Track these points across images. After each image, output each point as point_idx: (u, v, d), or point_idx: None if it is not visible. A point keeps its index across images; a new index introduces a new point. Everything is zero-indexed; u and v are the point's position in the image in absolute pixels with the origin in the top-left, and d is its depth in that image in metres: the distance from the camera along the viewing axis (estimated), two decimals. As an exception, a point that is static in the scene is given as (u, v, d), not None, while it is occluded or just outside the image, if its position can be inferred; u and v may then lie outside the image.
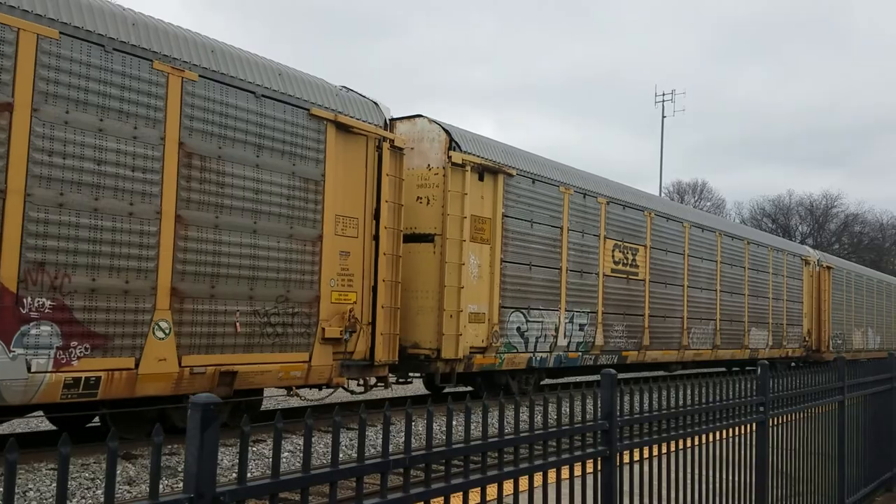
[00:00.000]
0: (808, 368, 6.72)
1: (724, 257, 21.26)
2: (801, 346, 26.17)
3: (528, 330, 14.14)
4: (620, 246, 16.76)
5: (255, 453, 9.07)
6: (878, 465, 8.41)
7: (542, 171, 15.02)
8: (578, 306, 15.42)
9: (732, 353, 21.57)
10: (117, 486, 7.40)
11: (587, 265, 15.73)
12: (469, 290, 12.87)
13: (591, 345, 15.69)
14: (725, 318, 21.18)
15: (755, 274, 23.05)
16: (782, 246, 26.19)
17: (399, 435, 10.43)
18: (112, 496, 1.83)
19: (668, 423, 4.33)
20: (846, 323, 30.09)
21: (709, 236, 20.59)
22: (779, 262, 24.68)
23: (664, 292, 18.24)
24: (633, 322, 17.10)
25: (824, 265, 28.32)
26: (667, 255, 18.44)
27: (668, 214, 18.92)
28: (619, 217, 16.87)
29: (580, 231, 15.56)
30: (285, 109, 9.82)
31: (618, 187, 17.56)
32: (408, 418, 2.70)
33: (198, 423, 1.95)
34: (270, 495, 2.23)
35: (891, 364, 9.05)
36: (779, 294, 24.59)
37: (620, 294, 16.78)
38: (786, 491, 5.87)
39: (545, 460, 3.34)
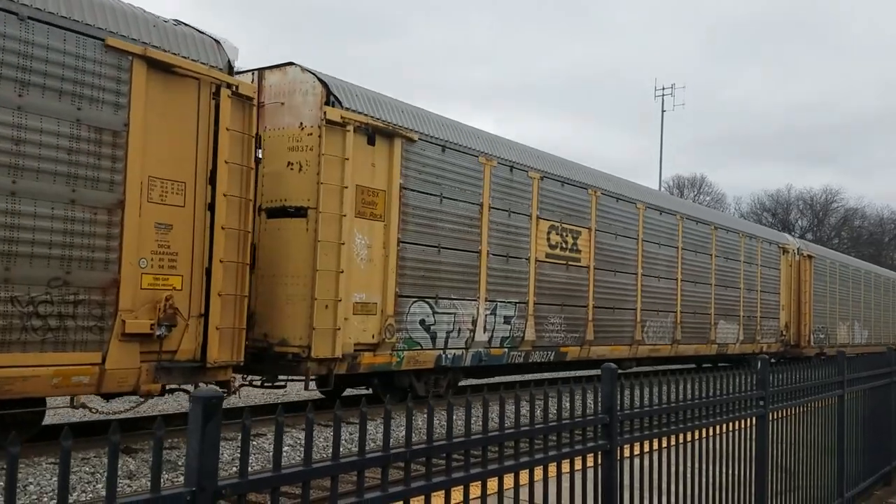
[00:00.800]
0: (798, 364, 6.72)
1: (688, 243, 19.21)
2: (777, 340, 24.36)
3: (435, 323, 12.01)
4: (558, 228, 14.68)
5: (255, 447, 9.09)
6: (877, 458, 8.43)
7: (455, 138, 12.72)
8: (503, 296, 13.34)
9: (696, 348, 19.65)
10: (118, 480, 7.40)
11: (515, 249, 13.66)
12: (353, 275, 10.69)
13: (521, 340, 13.70)
14: (688, 310, 19.13)
15: (724, 262, 21.11)
16: (756, 232, 24.10)
17: (399, 429, 10.44)
18: (113, 490, 1.83)
19: (669, 418, 4.34)
20: (830, 316, 28.19)
21: (669, 220, 18.53)
22: (752, 250, 22.76)
23: (613, 281, 16.29)
24: (573, 314, 15.10)
25: (805, 254, 26.36)
26: (616, 239, 16.49)
27: (618, 194, 16.79)
28: (557, 195, 14.79)
29: (506, 210, 13.43)
30: (66, 38, 7.66)
31: (555, 161, 15.41)
32: (408, 412, 2.71)
33: (199, 417, 1.95)
34: (272, 489, 2.23)
35: (889, 358, 9.07)
36: (752, 284, 22.69)
37: (558, 282, 14.73)
38: (786, 485, 5.88)
39: (546, 454, 3.35)
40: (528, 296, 13.92)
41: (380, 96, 11.74)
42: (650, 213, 17.77)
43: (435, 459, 2.78)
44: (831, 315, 28.30)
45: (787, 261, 25.09)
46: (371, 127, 11.03)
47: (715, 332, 20.52)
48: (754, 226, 26.38)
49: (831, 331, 28.27)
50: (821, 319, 27.16)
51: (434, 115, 12.78)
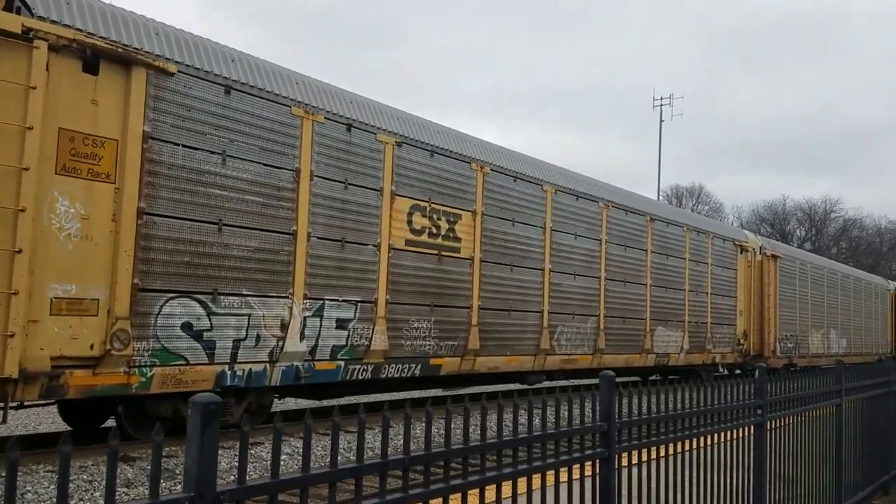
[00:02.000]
0: (796, 373, 6.72)
1: (615, 236, 16.21)
2: (733, 350, 21.39)
3: (213, 328, 8.80)
4: (426, 209, 11.65)
5: (253, 456, 9.07)
6: (875, 468, 8.43)
7: (250, 78, 9.41)
8: (336, 292, 10.24)
9: (627, 358, 16.57)
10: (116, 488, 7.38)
11: (357, 232, 10.52)
12: (51, 257, 7.52)
13: (366, 349, 10.60)
14: (615, 314, 16.11)
15: (664, 259, 17.97)
16: (707, 227, 20.97)
17: (398, 437, 10.42)
18: (112, 496, 1.83)
19: (667, 426, 4.34)
20: (800, 323, 25.23)
21: (588, 207, 15.51)
22: (701, 247, 19.78)
23: (508, 277, 13.30)
24: (450, 317, 12.05)
25: (768, 253, 23.32)
26: (514, 226, 13.46)
27: (516, 173, 13.71)
28: (423, 167, 11.74)
29: (340, 181, 10.33)
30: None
31: (420, 125, 12.19)
32: (407, 420, 2.71)
33: (198, 423, 1.96)
34: (270, 495, 2.24)
35: (887, 368, 9.08)
36: (700, 286, 19.61)
37: (425, 276, 11.63)
38: (783, 494, 5.88)
39: (544, 462, 3.36)
40: (376, 292, 10.76)
41: (117, 9, 8.43)
42: (563, 197, 14.77)
43: (433, 467, 2.78)
44: (802, 322, 25.46)
45: (745, 260, 22.10)
46: (91, 48, 7.84)
47: (651, 340, 17.34)
48: (703, 219, 22.93)
49: (802, 339, 25.42)
50: (789, 327, 24.31)
51: (218, 45, 9.42)
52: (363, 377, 10.74)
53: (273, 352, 9.49)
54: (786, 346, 23.93)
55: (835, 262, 35.37)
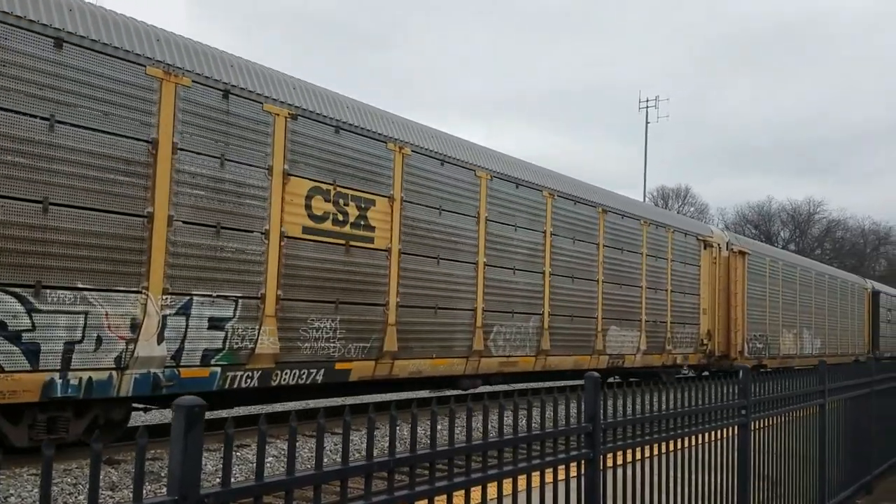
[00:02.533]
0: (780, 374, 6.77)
1: (562, 228, 14.91)
2: (697, 350, 20.14)
3: (36, 328, 7.29)
4: (329, 193, 10.17)
5: (240, 458, 9.04)
6: (858, 468, 8.50)
7: (90, 31, 7.95)
8: (206, 285, 8.76)
9: (577, 360, 15.29)
10: (100, 491, 7.33)
11: (238, 217, 9.04)
12: None
13: (250, 353, 9.11)
14: (562, 312, 14.80)
15: (619, 254, 16.76)
16: (666, 220, 19.54)
17: (384, 439, 10.41)
18: (96, 499, 1.83)
19: (651, 427, 4.36)
20: (771, 323, 23.98)
21: (530, 196, 14.19)
22: (660, 242, 18.43)
23: (434, 271, 11.91)
24: (361, 315, 10.60)
25: (736, 250, 22.03)
26: (442, 215, 12.13)
27: (443, 156, 12.32)
28: (326, 145, 10.24)
29: (214, 156, 8.82)
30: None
31: (323, 95, 10.63)
32: (392, 421, 2.72)
33: (182, 425, 1.95)
34: (254, 498, 2.23)
35: (869, 368, 9.16)
36: (659, 283, 18.34)
37: (329, 269, 10.17)
38: (767, 494, 5.92)
39: (529, 463, 3.37)
40: (264, 287, 9.30)
41: None
42: (501, 184, 13.46)
43: (418, 469, 2.78)
44: (773, 322, 24.16)
45: (709, 256, 20.88)
46: None
47: (603, 340, 16.07)
48: (664, 212, 21.14)
49: (773, 340, 24.13)
50: (758, 326, 23.09)
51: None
52: (248, 385, 9.19)
53: (121, 357, 7.91)
54: (755, 346, 22.66)
55: (808, 260, 34.19)
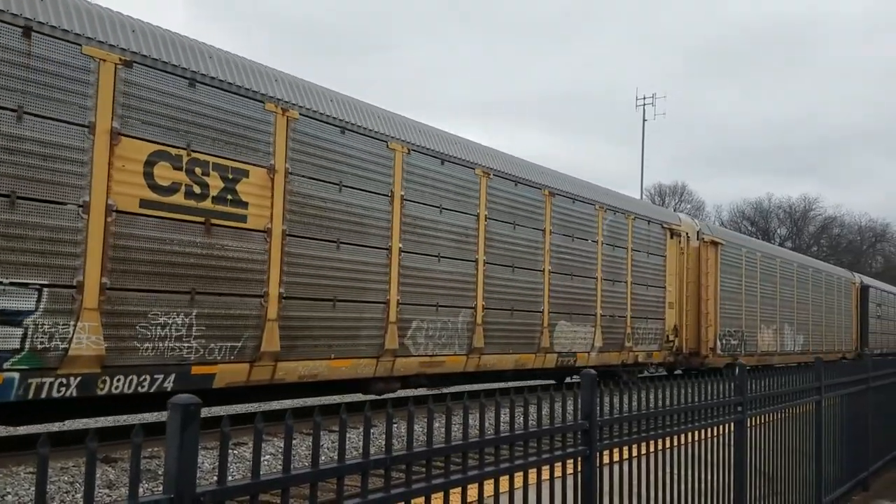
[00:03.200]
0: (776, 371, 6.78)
1: (499, 211, 13.14)
2: (662, 347, 18.41)
3: None
4: (181, 159, 8.41)
5: (237, 456, 9.04)
6: (855, 464, 8.52)
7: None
8: None
9: (518, 359, 13.64)
10: (97, 489, 7.35)
11: (39, 184, 7.19)
12: None
13: (62, 355, 7.31)
14: (499, 306, 13.10)
15: (569, 242, 14.94)
16: (626, 206, 17.56)
17: (382, 437, 10.42)
18: (91, 498, 1.83)
19: (648, 423, 4.37)
20: (747, 318, 22.46)
21: (459, 174, 12.34)
22: (618, 229, 16.71)
23: (333, 258, 10.08)
24: (228, 309, 8.77)
25: (707, 239, 20.47)
26: (343, 192, 10.25)
27: (344, 123, 10.41)
28: (176, 100, 8.43)
29: (7, 108, 7.05)
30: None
31: (172, 40, 8.72)
32: (388, 419, 2.72)
33: (178, 424, 1.96)
34: (251, 496, 2.23)
35: (866, 365, 9.19)
36: (617, 274, 16.57)
37: (180, 252, 8.36)
38: (764, 490, 5.93)
39: (525, 460, 3.37)
40: (81, 273, 7.47)
41: None
42: (421, 159, 11.61)
43: (415, 466, 2.79)
44: (750, 317, 22.66)
45: (676, 246, 19.18)
46: None
47: (550, 336, 14.37)
48: (625, 197, 18.79)
49: (749, 336, 22.61)
50: (733, 322, 21.60)
51: None
52: (64, 394, 7.38)
53: None
54: (728, 343, 21.23)
55: (791, 252, 32.49)
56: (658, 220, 18.62)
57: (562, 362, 14.88)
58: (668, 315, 18.65)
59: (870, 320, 34.61)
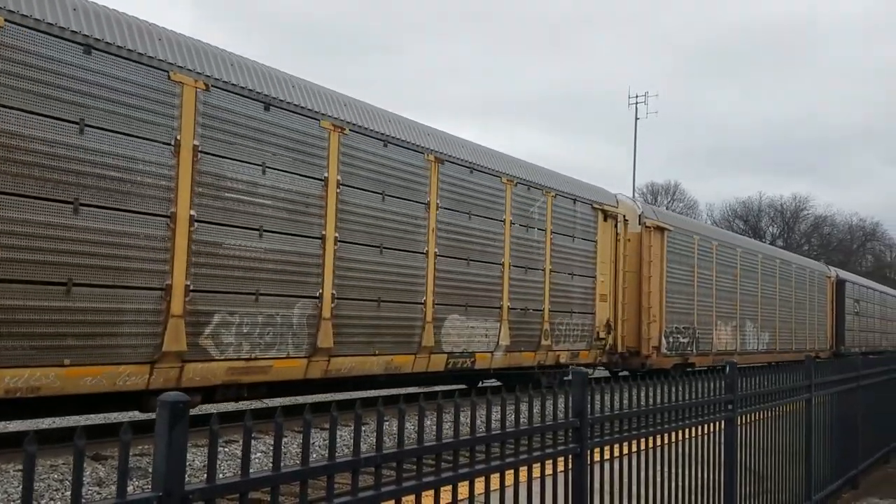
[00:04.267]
0: (766, 369, 6.80)
1: (360, 177, 10.56)
2: (592, 346, 16.09)
3: None
4: None
5: (229, 454, 9.02)
6: (844, 462, 8.56)
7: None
8: None
9: (390, 361, 11.11)
10: (87, 487, 7.32)
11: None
12: None
13: None
14: (358, 294, 10.50)
15: (465, 220, 12.60)
16: (545, 181, 14.89)
17: (372, 435, 10.39)
18: (79, 496, 1.81)
19: (639, 421, 4.38)
20: (700, 314, 20.15)
21: (298, 126, 9.75)
22: (532, 206, 14.29)
23: (66, 225, 7.38)
24: None
25: (650, 224, 18.09)
26: (87, 135, 7.57)
27: (108, 44, 7.81)
28: None
29: None
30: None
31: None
32: (379, 416, 2.71)
33: (166, 421, 1.94)
34: (240, 494, 2.22)
35: (856, 364, 9.23)
36: (532, 260, 14.22)
37: None
38: (754, 488, 5.95)
39: (517, 458, 3.37)
40: None
41: None
42: (229, 100, 8.94)
43: (406, 464, 2.78)
44: (703, 312, 20.38)
45: (611, 230, 16.83)
46: None
47: (436, 333, 11.87)
48: (545, 170, 15.58)
49: (703, 333, 20.34)
50: (682, 317, 19.24)
51: None
52: None
53: None
54: (676, 341, 18.87)
55: (755, 242, 29.87)
56: (587, 200, 16.14)
57: (455, 364, 12.39)
58: (599, 309, 16.25)
59: (846, 317, 32.63)
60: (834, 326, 31.56)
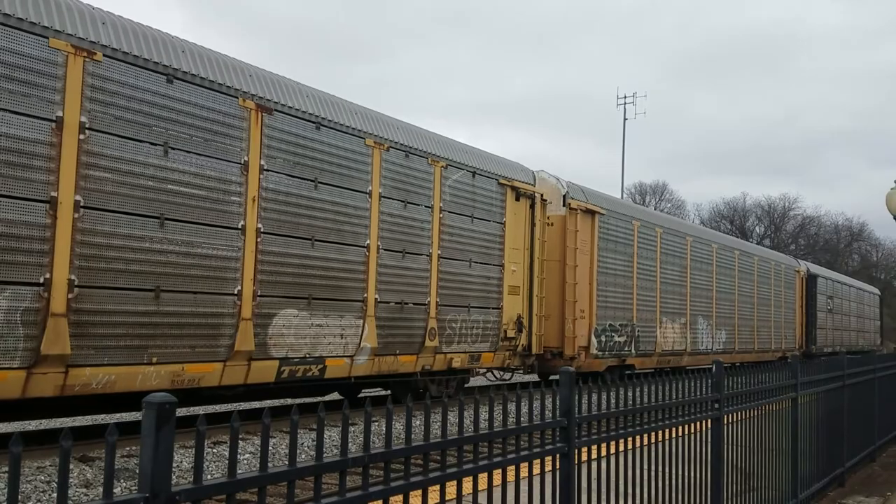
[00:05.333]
0: (752, 368, 6.84)
1: (132, 123, 8.24)
2: (498, 347, 13.68)
3: None
4: None
5: (217, 455, 8.99)
6: (831, 460, 8.61)
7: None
8: None
9: (179, 372, 8.59)
10: (74, 489, 7.29)
11: None
12: None
13: None
14: (127, 282, 8.16)
15: (310, 191, 10.23)
16: (433, 149, 12.38)
17: (360, 435, 10.39)
18: (65, 497, 1.81)
19: (626, 421, 4.40)
20: (642, 309, 17.84)
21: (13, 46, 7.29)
22: (414, 179, 11.84)
23: None
24: None
25: (578, 206, 15.65)
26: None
27: None
28: None
29: None
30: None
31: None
32: (367, 417, 2.72)
33: (153, 422, 1.94)
34: (227, 495, 2.22)
35: (841, 363, 9.29)
36: (413, 243, 11.77)
37: None
38: (741, 486, 5.99)
39: (504, 457, 3.38)
40: None
41: None
42: None
43: (394, 464, 2.79)
44: (646, 308, 18.05)
45: (524, 211, 14.42)
46: None
47: (257, 333, 9.46)
48: (433, 136, 12.87)
49: (645, 332, 18.02)
50: (619, 314, 16.98)
51: None
52: None
53: None
54: (611, 340, 16.61)
55: (711, 231, 27.62)
56: (492, 174, 13.58)
57: (292, 373, 10.01)
58: (507, 303, 13.79)
59: (818, 314, 30.48)
60: (804, 324, 29.59)
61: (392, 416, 2.81)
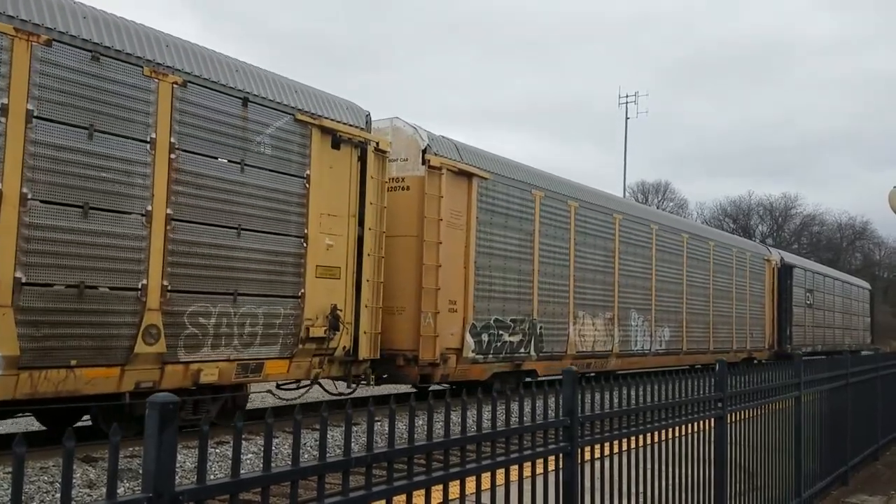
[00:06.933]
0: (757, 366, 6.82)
1: None
2: (300, 351, 9.98)
3: None
4: None
5: (220, 455, 8.99)
6: (834, 459, 8.60)
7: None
8: None
9: None
10: (78, 489, 7.29)
11: None
12: None
13: None
14: None
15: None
16: (141, 52, 8.24)
17: (363, 435, 10.38)
18: (68, 498, 1.81)
19: (629, 420, 4.39)
20: (547, 301, 14.35)
21: None
22: (98, 89, 7.74)
23: None
24: None
25: (443, 165, 11.98)
26: None
27: None
28: None
29: None
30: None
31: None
32: (370, 416, 2.71)
33: (156, 423, 1.94)
34: (230, 495, 2.22)
35: (845, 361, 9.28)
36: (116, 198, 7.94)
37: None
38: (745, 485, 5.98)
39: (507, 457, 3.37)
40: None
41: None
42: None
43: (397, 464, 2.78)
44: (551, 299, 14.47)
45: (348, 165, 10.70)
46: None
47: None
48: (143, 29, 8.64)
49: (552, 330, 14.47)
50: (509, 306, 13.42)
51: None
52: None
53: None
54: (499, 339, 13.14)
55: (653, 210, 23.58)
56: (284, 106, 9.87)
57: None
58: (314, 290, 10.15)
59: (795, 310, 26.66)
60: (775, 321, 25.76)
61: (395, 417, 2.81)
